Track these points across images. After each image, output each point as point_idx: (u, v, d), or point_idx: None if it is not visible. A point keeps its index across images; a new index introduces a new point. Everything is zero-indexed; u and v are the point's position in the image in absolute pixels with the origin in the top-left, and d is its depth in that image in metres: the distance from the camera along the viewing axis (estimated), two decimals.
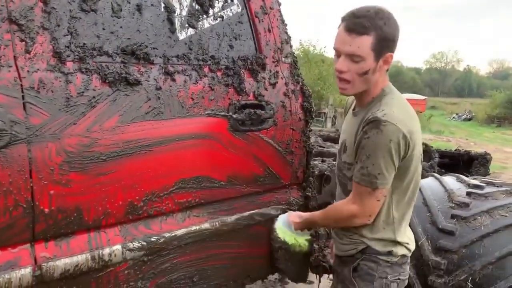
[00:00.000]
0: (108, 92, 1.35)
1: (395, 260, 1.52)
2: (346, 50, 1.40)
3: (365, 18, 1.37)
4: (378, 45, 1.38)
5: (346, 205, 1.50)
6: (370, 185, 1.41)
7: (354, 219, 1.49)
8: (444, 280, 1.95)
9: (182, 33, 1.61)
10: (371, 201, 1.45)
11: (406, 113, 1.45)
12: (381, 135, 1.37)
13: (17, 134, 1.17)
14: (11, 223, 1.18)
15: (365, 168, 1.41)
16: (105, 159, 1.33)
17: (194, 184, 1.56)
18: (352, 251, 1.55)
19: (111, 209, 1.36)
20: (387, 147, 1.37)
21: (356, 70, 1.41)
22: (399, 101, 1.48)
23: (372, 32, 1.37)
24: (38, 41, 1.25)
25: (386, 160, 1.38)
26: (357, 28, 1.37)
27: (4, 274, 1.16)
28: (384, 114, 1.38)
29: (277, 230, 1.76)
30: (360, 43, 1.37)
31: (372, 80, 1.45)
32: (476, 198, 2.16)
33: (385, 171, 1.40)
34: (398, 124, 1.36)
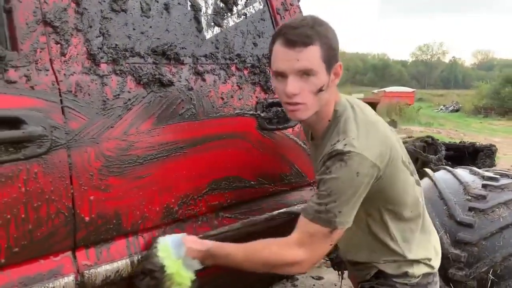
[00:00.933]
0: (143, 94, 1.32)
1: (415, 281, 1.36)
2: (295, 67, 1.21)
3: (304, 28, 1.22)
4: (326, 54, 1.23)
5: (289, 249, 1.23)
6: (327, 224, 1.20)
7: (293, 267, 1.26)
8: (465, 272, 1.97)
9: (209, 31, 1.58)
10: (324, 246, 1.24)
11: (368, 132, 1.26)
12: (346, 169, 1.19)
13: (57, 140, 1.13)
14: (53, 231, 1.15)
15: (324, 204, 1.20)
16: (142, 162, 1.30)
17: (226, 184, 1.55)
18: (367, 276, 1.42)
19: (148, 213, 1.34)
20: (353, 182, 1.19)
21: (309, 89, 1.23)
22: (358, 119, 1.29)
23: (318, 41, 1.21)
24: (73, 43, 1.21)
25: (351, 196, 1.20)
26: (300, 39, 1.20)
27: (48, 283, 1.14)
28: (345, 144, 1.21)
29: (159, 247, 1.27)
30: (308, 55, 1.21)
31: (326, 98, 1.28)
32: (492, 190, 2.18)
33: (347, 209, 1.21)
34: (363, 152, 1.20)
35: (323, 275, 3.36)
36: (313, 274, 3.36)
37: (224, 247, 1.30)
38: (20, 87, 1.10)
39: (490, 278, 1.93)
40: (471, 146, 3.66)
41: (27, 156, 1.08)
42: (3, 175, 1.05)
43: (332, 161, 1.22)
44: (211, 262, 1.30)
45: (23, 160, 1.08)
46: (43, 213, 1.12)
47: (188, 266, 1.27)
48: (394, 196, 1.32)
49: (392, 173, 1.27)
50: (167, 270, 1.23)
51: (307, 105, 1.26)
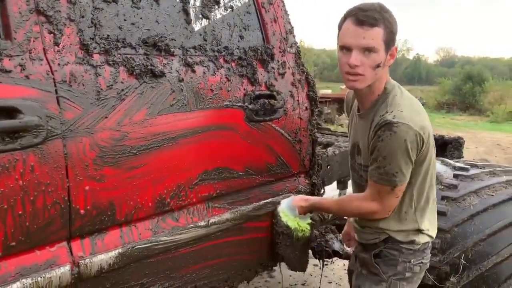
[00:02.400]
0: (136, 85, 1.32)
1: (417, 247, 1.57)
2: (360, 43, 1.39)
3: (373, 11, 1.39)
4: (387, 37, 1.40)
5: (365, 202, 1.52)
6: (389, 183, 1.44)
7: (373, 215, 1.53)
8: (439, 258, 2.04)
9: (197, 24, 1.59)
10: (391, 199, 1.48)
11: (414, 109, 1.47)
12: (395, 137, 1.39)
13: (53, 130, 1.13)
14: (49, 221, 1.15)
15: (382, 168, 1.43)
16: (135, 152, 1.31)
17: (215, 175, 1.57)
18: (375, 240, 1.59)
19: (142, 203, 1.35)
20: (403, 147, 1.39)
21: (369, 64, 1.41)
22: (404, 97, 1.50)
23: (382, 25, 1.39)
24: (66, 33, 1.21)
25: (403, 158, 1.41)
26: (368, 20, 1.38)
27: (44, 273, 1.13)
28: (394, 116, 1.40)
29: (281, 214, 1.76)
30: (373, 34, 1.39)
31: (380, 75, 1.46)
32: (463, 180, 2.27)
33: (403, 169, 1.42)
34: (410, 123, 1.39)
35: None
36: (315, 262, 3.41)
37: (323, 202, 1.71)
38: (16, 76, 1.08)
39: (462, 262, 2.01)
40: (440, 139, 3.77)
41: (23, 145, 1.07)
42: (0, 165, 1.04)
43: (382, 130, 1.41)
44: (319, 211, 1.82)
45: (20, 149, 1.07)
46: (39, 203, 1.12)
47: (303, 219, 1.77)
48: (424, 167, 1.49)
49: (428, 146, 1.46)
50: (292, 227, 1.74)
51: (364, 77, 1.43)
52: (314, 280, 3.18)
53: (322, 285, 2.87)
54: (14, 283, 1.08)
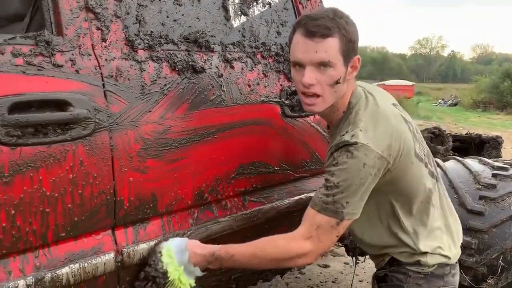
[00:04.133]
0: (178, 80, 1.36)
1: (429, 270, 1.35)
2: (312, 58, 1.23)
3: (324, 19, 1.22)
4: (345, 47, 1.23)
5: (297, 241, 1.25)
6: (335, 215, 1.21)
7: (300, 259, 1.26)
8: (476, 259, 2.01)
9: (236, 20, 1.62)
10: (330, 237, 1.24)
11: (379, 124, 1.26)
12: (353, 160, 1.20)
13: (100, 122, 1.18)
14: (96, 210, 1.20)
15: (331, 196, 1.21)
16: (177, 145, 1.35)
17: (252, 169, 1.59)
18: (381, 263, 1.43)
19: (182, 194, 1.38)
20: (360, 173, 1.20)
21: (326, 81, 1.24)
22: (368, 110, 1.30)
23: (337, 34, 1.22)
24: (112, 29, 1.25)
25: (359, 187, 1.21)
26: (320, 31, 1.21)
27: (90, 259, 1.19)
28: (352, 135, 1.22)
29: (164, 252, 1.29)
30: (326, 47, 1.21)
31: (342, 91, 1.29)
32: (502, 180, 2.22)
33: (355, 200, 1.21)
34: (370, 144, 1.20)
35: (330, 263, 3.43)
36: (320, 262, 3.42)
37: (229, 249, 1.29)
38: (66, 71, 1.14)
39: (500, 264, 1.97)
40: (477, 138, 3.70)
41: (73, 137, 1.13)
42: (51, 156, 1.10)
43: (339, 152, 1.23)
44: (216, 266, 1.30)
45: (70, 141, 1.12)
46: (87, 192, 1.17)
47: (190, 273, 1.29)
48: (405, 189, 1.32)
49: (403, 166, 1.27)
50: (169, 276, 1.26)
51: (323, 98, 1.27)
52: (345, 278, 3.17)
53: (353, 283, 2.86)
54: (63, 268, 1.14)
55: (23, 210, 1.07)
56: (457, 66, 78.33)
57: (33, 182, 1.08)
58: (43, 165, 1.09)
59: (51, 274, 1.12)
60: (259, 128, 1.61)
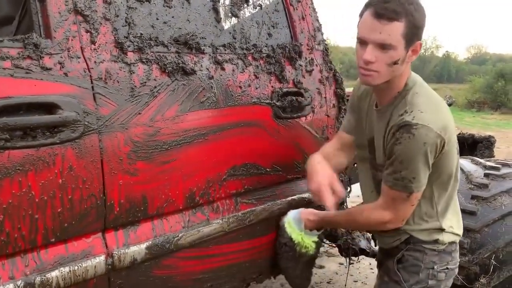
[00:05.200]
0: (168, 82, 1.36)
1: (443, 247, 1.48)
2: (376, 38, 1.29)
3: (395, 3, 1.28)
4: (409, 32, 1.29)
5: (377, 211, 1.44)
6: (405, 189, 1.36)
7: (386, 225, 1.44)
8: (468, 258, 2.01)
9: (226, 22, 1.62)
10: (406, 207, 1.39)
11: (434, 107, 1.38)
12: (414, 140, 1.30)
13: (90, 125, 1.18)
14: (86, 213, 1.19)
15: (399, 172, 1.35)
16: (167, 148, 1.35)
17: (244, 171, 1.60)
18: (396, 242, 1.51)
19: (173, 197, 1.38)
20: (422, 151, 1.31)
21: (385, 60, 1.32)
22: (425, 94, 1.41)
23: (403, 18, 1.27)
24: (102, 31, 1.25)
25: (421, 164, 1.33)
26: (387, 14, 1.27)
27: (80, 263, 1.18)
28: (414, 117, 1.32)
29: (286, 225, 1.66)
30: (391, 29, 1.28)
31: (399, 71, 1.36)
32: (494, 179, 2.23)
33: (421, 174, 1.34)
34: (430, 125, 1.30)
35: (324, 264, 3.43)
36: None
37: (331, 216, 1.59)
38: (55, 74, 1.14)
39: (492, 263, 1.98)
40: (470, 138, 3.71)
41: (62, 140, 1.12)
42: (40, 159, 1.09)
43: (400, 132, 1.33)
44: (327, 226, 1.69)
45: (59, 144, 1.12)
46: (76, 195, 1.17)
47: (310, 234, 1.65)
48: (447, 169, 1.42)
49: (450, 147, 1.38)
50: (295, 240, 1.63)
51: (379, 73, 1.34)
52: (340, 278, 3.17)
53: (347, 283, 2.87)
54: (53, 271, 1.13)
55: (12, 214, 1.06)
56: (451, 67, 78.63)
57: (22, 186, 1.07)
58: (32, 168, 1.08)
59: (40, 278, 1.11)
60: (251, 129, 1.61)
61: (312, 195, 1.60)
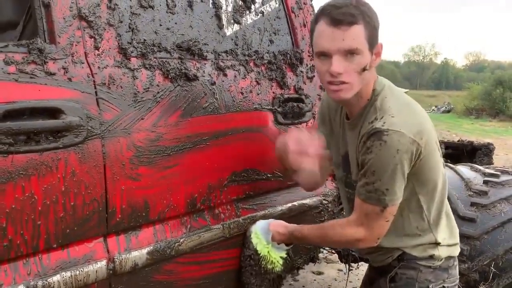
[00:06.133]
0: (170, 88, 1.37)
1: (439, 263, 1.38)
2: (340, 46, 1.21)
3: (349, 7, 1.21)
4: (369, 34, 1.23)
5: (350, 228, 1.33)
6: (378, 203, 1.25)
7: (359, 243, 1.35)
8: (468, 265, 2.01)
9: (229, 28, 1.63)
10: (380, 223, 1.29)
11: (407, 110, 1.29)
12: (386, 147, 1.21)
13: (93, 130, 1.18)
14: (88, 218, 1.20)
15: (371, 184, 1.25)
16: (169, 153, 1.35)
17: (245, 177, 1.60)
18: (388, 259, 1.41)
19: (174, 202, 1.39)
20: (395, 159, 1.21)
21: (354, 68, 1.23)
22: (395, 97, 1.32)
23: (361, 20, 1.21)
24: (105, 37, 1.26)
25: (396, 173, 1.22)
26: (346, 19, 1.20)
27: (82, 267, 1.18)
28: (384, 122, 1.23)
29: (252, 235, 1.53)
30: (354, 34, 1.20)
31: (368, 78, 1.29)
32: (493, 186, 2.24)
33: (395, 185, 1.24)
34: (402, 130, 1.21)
35: (323, 270, 3.43)
36: (314, 269, 3.42)
37: (303, 230, 1.46)
38: (59, 79, 1.14)
39: (492, 270, 1.98)
40: (469, 145, 3.72)
41: (65, 144, 1.13)
42: (43, 163, 1.10)
43: (371, 140, 1.23)
44: (296, 242, 1.53)
45: (62, 148, 1.13)
46: (79, 200, 1.17)
47: (278, 249, 1.51)
48: (430, 177, 1.32)
49: (428, 152, 1.27)
50: (260, 253, 1.50)
51: (351, 84, 1.26)
52: (339, 285, 3.17)
53: None
54: (55, 276, 1.13)
55: (15, 218, 1.07)
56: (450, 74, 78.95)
57: (25, 190, 1.08)
58: (35, 173, 1.09)
59: (42, 282, 1.11)
60: (252, 135, 1.62)
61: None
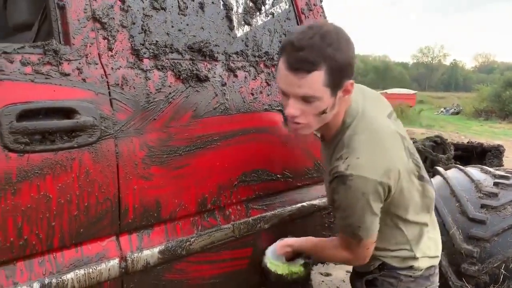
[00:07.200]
0: (182, 89, 1.38)
1: (419, 273, 1.39)
2: (295, 92, 1.17)
3: (310, 50, 1.11)
4: (332, 78, 1.14)
5: (338, 251, 1.38)
6: (354, 237, 1.28)
7: (351, 263, 1.43)
8: (478, 267, 2.01)
9: (239, 30, 1.64)
10: (361, 250, 1.32)
11: (373, 148, 1.23)
12: (351, 191, 1.19)
13: (106, 130, 1.20)
14: (101, 216, 1.21)
15: (345, 219, 1.28)
16: (181, 153, 1.37)
17: (254, 177, 1.61)
18: (370, 267, 1.43)
19: (185, 202, 1.40)
20: (362, 202, 1.20)
21: (311, 112, 1.20)
22: (365, 131, 1.26)
23: (323, 66, 1.12)
24: (119, 38, 1.28)
25: (364, 213, 1.22)
26: (304, 66, 1.12)
27: (95, 265, 1.20)
28: (348, 165, 1.19)
29: (268, 265, 1.61)
30: (311, 82, 1.14)
31: (330, 116, 1.26)
32: (504, 188, 2.22)
33: (367, 222, 1.24)
34: (366, 174, 1.18)
35: (331, 272, 3.42)
36: (322, 270, 3.41)
37: (304, 246, 1.54)
38: (73, 79, 1.16)
39: (502, 273, 1.97)
40: (479, 146, 3.70)
41: (79, 144, 1.15)
42: (58, 162, 1.12)
43: (336, 182, 1.22)
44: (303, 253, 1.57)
45: (76, 148, 1.14)
46: (92, 199, 1.19)
47: (294, 262, 1.60)
48: (405, 201, 1.33)
49: (401, 187, 1.28)
50: (282, 273, 1.58)
51: (309, 124, 1.25)
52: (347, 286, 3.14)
53: None
54: (69, 273, 1.15)
55: (30, 216, 1.09)
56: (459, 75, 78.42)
57: (40, 189, 1.09)
58: (50, 172, 1.11)
59: (56, 280, 1.13)
60: (262, 136, 1.63)
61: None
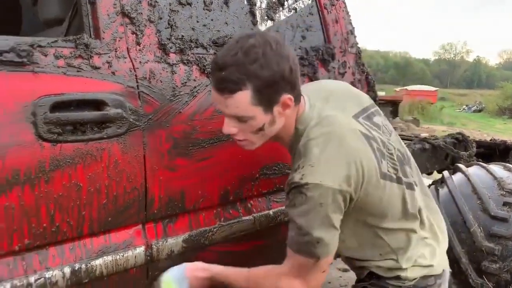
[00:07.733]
0: (206, 83, 1.41)
1: (411, 283, 1.26)
2: (225, 112, 1.15)
3: (232, 69, 1.07)
4: (261, 96, 1.10)
5: (284, 280, 1.20)
6: (311, 256, 1.14)
7: None
8: (499, 265, 1.99)
9: (262, 25, 1.67)
10: (316, 274, 1.18)
11: (331, 154, 1.14)
12: (308, 202, 1.11)
13: (134, 122, 1.24)
14: (128, 205, 1.26)
15: (301, 236, 1.14)
16: (204, 145, 1.40)
17: (276, 170, 1.63)
18: (361, 275, 1.35)
19: (209, 193, 1.43)
20: (320, 213, 1.11)
21: (247, 129, 1.17)
22: (321, 136, 1.17)
23: (247, 85, 1.08)
24: (146, 33, 1.31)
25: (323, 225, 1.12)
26: (226, 87, 1.09)
27: (122, 252, 1.24)
28: (303, 175, 1.11)
29: (162, 285, 1.29)
30: (237, 102, 1.10)
31: (274, 130, 1.20)
32: None
33: (325, 237, 1.12)
34: (324, 182, 1.09)
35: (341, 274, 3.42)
36: (339, 266, 3.42)
37: (228, 274, 1.29)
38: (104, 73, 1.20)
39: None
40: (502, 144, 3.64)
41: (109, 135, 1.19)
42: (89, 152, 1.16)
43: (293, 193, 1.15)
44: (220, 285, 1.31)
45: (106, 139, 1.19)
46: (120, 188, 1.23)
47: None
48: (378, 210, 1.23)
49: (367, 192, 1.18)
50: None
51: (249, 141, 1.22)
52: None
53: None
54: (97, 259, 1.20)
55: (62, 204, 1.13)
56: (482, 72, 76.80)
57: (71, 178, 1.14)
58: (80, 161, 1.15)
59: (85, 266, 1.18)
60: None
61: None
